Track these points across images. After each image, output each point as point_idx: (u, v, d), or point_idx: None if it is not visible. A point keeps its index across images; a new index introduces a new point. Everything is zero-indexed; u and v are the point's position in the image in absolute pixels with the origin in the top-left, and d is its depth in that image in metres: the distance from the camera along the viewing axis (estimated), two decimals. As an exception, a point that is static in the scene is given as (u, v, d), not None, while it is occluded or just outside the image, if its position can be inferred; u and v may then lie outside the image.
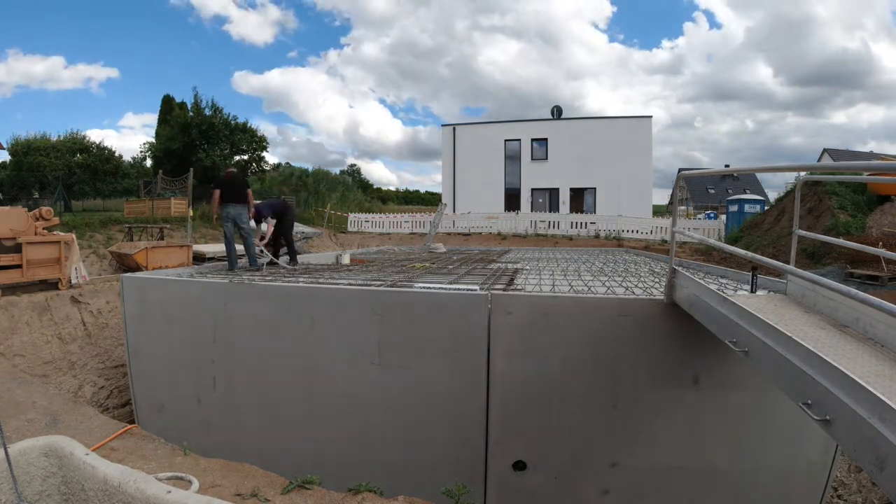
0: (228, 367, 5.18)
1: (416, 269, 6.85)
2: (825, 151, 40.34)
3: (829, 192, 13.06)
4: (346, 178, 40.56)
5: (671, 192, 43.18)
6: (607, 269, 7.08)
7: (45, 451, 2.41)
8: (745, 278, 4.64)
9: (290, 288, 5.16)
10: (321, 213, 23.14)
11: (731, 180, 45.60)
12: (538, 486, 4.37)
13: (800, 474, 4.36)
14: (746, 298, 3.26)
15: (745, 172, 43.21)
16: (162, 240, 13.53)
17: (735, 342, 2.78)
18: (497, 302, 4.33)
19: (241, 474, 3.29)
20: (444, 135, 28.15)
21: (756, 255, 3.42)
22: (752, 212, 17.89)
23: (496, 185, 27.05)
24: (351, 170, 56.89)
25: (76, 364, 7.53)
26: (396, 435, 4.55)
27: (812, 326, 2.63)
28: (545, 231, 20.53)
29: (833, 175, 10.14)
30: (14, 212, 8.57)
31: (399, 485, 4.33)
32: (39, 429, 3.92)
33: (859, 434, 1.68)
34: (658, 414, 4.22)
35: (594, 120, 27.73)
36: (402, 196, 61.11)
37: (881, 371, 1.93)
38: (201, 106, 27.56)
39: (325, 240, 18.80)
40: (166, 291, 5.65)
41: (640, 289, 4.94)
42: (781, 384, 2.28)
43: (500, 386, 4.33)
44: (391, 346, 4.58)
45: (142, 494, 2.11)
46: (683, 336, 4.03)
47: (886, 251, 3.49)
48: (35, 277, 8.35)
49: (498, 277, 5.89)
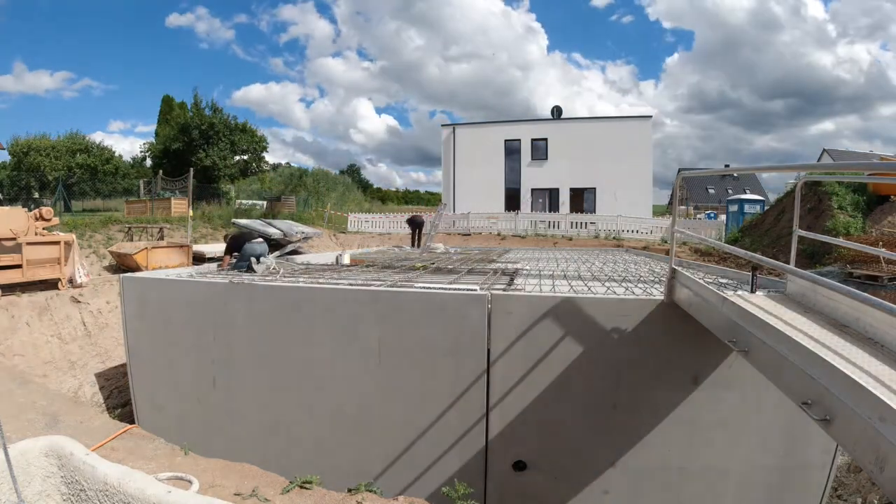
0: (228, 367, 5.17)
1: (416, 269, 6.85)
2: (825, 151, 40.31)
3: (829, 192, 13.06)
4: (346, 178, 40.55)
5: (671, 192, 43.16)
6: (607, 269, 7.08)
7: (45, 451, 2.41)
8: (745, 278, 4.64)
9: (291, 288, 5.15)
10: (321, 213, 23.15)
11: (732, 180, 45.60)
12: (538, 486, 4.37)
13: (800, 474, 4.36)
14: (746, 298, 3.26)
15: (745, 172, 43.17)
16: (162, 240, 13.54)
17: (735, 342, 2.78)
18: (497, 302, 4.33)
19: (241, 474, 3.29)
20: (443, 135, 28.16)
21: (756, 255, 3.42)
22: (752, 212, 17.91)
23: (496, 186, 27.06)
24: (350, 169, 56.91)
25: (76, 364, 7.53)
26: (396, 435, 4.55)
27: (812, 326, 2.63)
28: (545, 231, 20.53)
29: (833, 175, 10.14)
30: (14, 212, 8.58)
31: (399, 485, 4.35)
32: (39, 429, 3.92)
33: (859, 434, 1.67)
34: (658, 414, 4.22)
35: (594, 120, 27.75)
36: (402, 196, 61.14)
37: (881, 371, 1.93)
38: (201, 106, 27.59)
39: (325, 240, 18.80)
40: (166, 291, 5.65)
41: (639, 289, 4.93)
42: (781, 384, 2.28)
43: (500, 386, 4.33)
44: (391, 346, 4.58)
45: (142, 494, 2.11)
46: (683, 336, 4.03)
47: (886, 251, 3.50)
48: (35, 277, 8.35)
49: (498, 277, 5.89)
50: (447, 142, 27.78)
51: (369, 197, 42.22)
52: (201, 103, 27.70)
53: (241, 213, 19.44)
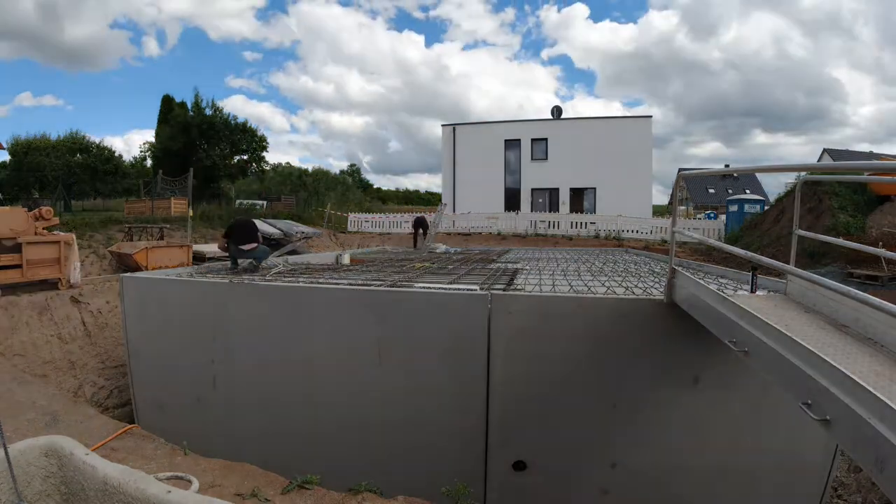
0: (228, 367, 5.17)
1: (416, 269, 6.85)
2: (825, 151, 40.27)
3: (829, 192, 13.06)
4: (346, 178, 40.57)
5: (671, 191, 43.15)
6: (607, 269, 7.08)
7: (45, 451, 2.41)
8: (745, 278, 4.64)
9: (290, 288, 5.15)
10: (321, 213, 23.15)
11: (732, 180, 45.55)
12: (538, 486, 4.37)
13: (800, 474, 4.36)
14: (746, 298, 3.26)
15: (745, 172, 43.12)
16: (162, 240, 13.53)
17: (735, 342, 2.77)
18: (497, 302, 4.33)
19: (241, 474, 3.29)
20: (444, 134, 28.15)
21: (756, 255, 3.41)
22: (752, 212, 17.89)
23: (496, 185, 27.04)
24: (351, 169, 56.91)
25: (76, 364, 7.52)
26: (396, 435, 4.55)
27: (812, 326, 2.63)
28: (545, 231, 20.53)
29: (833, 175, 10.14)
30: (14, 212, 8.59)
31: (399, 485, 4.35)
32: (39, 429, 3.93)
33: (859, 434, 1.67)
34: (658, 414, 4.22)
35: (594, 120, 27.70)
36: (402, 196, 61.10)
37: (881, 371, 1.93)
38: (201, 105, 27.60)
39: (325, 240, 18.80)
40: (166, 291, 5.65)
41: (639, 289, 4.93)
42: (781, 384, 2.28)
43: (500, 386, 4.33)
44: (391, 346, 4.58)
45: (142, 494, 2.11)
46: (683, 336, 4.02)
47: (886, 251, 3.49)
48: (35, 277, 8.35)
49: (498, 277, 5.89)
50: (447, 141, 27.76)
51: (369, 197, 42.20)
52: (201, 102, 27.73)
53: (240, 212, 19.43)
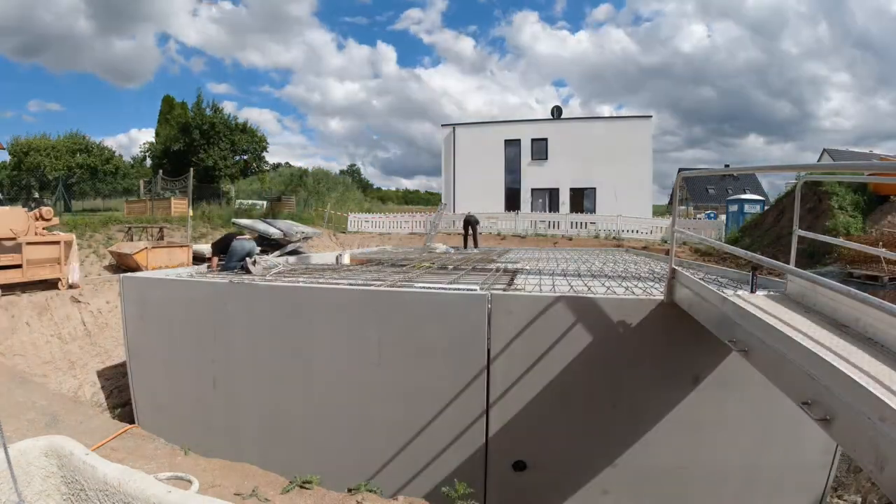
0: (228, 367, 5.17)
1: (416, 269, 6.85)
2: (825, 151, 40.27)
3: (829, 192, 13.05)
4: (346, 178, 40.55)
5: (671, 191, 43.14)
6: (607, 269, 7.08)
7: (45, 451, 2.41)
8: (745, 278, 4.64)
9: (291, 288, 5.15)
10: (321, 213, 23.14)
11: (732, 180, 45.54)
12: (538, 486, 4.37)
13: (800, 474, 4.36)
14: (746, 298, 3.25)
15: (745, 172, 43.12)
16: (162, 240, 13.54)
17: (735, 342, 2.77)
18: (497, 302, 4.33)
19: (241, 474, 3.29)
20: (443, 135, 28.14)
21: (756, 255, 3.41)
22: (752, 212, 17.92)
23: (496, 186, 27.02)
24: (351, 170, 56.91)
25: (76, 364, 7.53)
26: (396, 435, 4.55)
27: (812, 326, 2.62)
28: (545, 231, 20.54)
29: (833, 175, 10.14)
30: (14, 212, 8.59)
31: (399, 484, 4.35)
32: (39, 429, 3.93)
33: (859, 434, 1.67)
34: (658, 414, 4.22)
35: (594, 120, 27.73)
36: (402, 196, 61.06)
37: (881, 371, 1.93)
38: (202, 105, 27.60)
39: (325, 240, 18.79)
40: (166, 291, 5.65)
41: (640, 289, 4.93)
42: (781, 384, 2.28)
43: (500, 386, 4.33)
44: (391, 346, 4.58)
45: (142, 494, 2.11)
46: (683, 336, 4.02)
47: (886, 251, 3.50)
48: (35, 277, 8.36)
49: (498, 277, 5.89)
50: (447, 141, 27.75)
51: (369, 197, 42.16)
52: (202, 103, 27.74)
53: (241, 213, 19.43)
